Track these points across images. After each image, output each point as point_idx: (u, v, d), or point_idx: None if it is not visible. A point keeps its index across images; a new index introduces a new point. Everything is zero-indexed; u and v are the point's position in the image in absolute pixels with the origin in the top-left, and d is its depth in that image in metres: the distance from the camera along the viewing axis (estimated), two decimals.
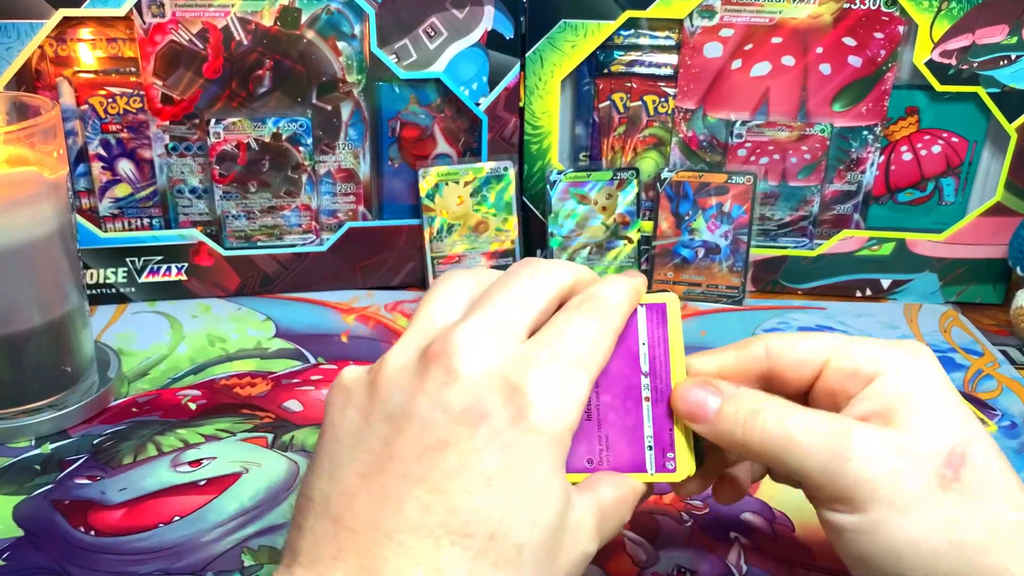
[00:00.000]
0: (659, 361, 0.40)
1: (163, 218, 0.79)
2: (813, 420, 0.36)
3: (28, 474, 0.57)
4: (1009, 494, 0.34)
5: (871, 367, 0.37)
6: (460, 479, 0.33)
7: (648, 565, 0.50)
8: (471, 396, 0.34)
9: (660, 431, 0.40)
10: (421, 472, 0.33)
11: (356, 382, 0.36)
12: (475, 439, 0.33)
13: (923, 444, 0.35)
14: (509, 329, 0.36)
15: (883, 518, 0.34)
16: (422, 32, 0.76)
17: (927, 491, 0.34)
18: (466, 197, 0.81)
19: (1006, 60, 0.76)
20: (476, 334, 0.35)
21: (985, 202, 0.80)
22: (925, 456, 0.35)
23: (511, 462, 0.33)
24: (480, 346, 0.34)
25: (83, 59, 0.73)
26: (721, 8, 0.77)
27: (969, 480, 0.34)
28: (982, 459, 0.35)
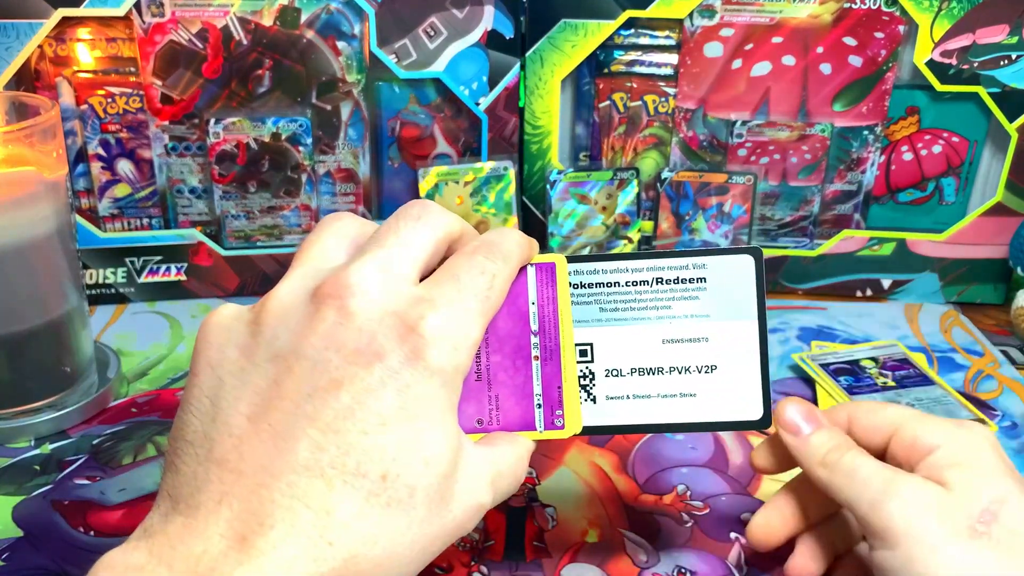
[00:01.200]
0: (548, 320, 0.41)
1: (162, 218, 0.79)
2: (878, 465, 0.41)
3: (27, 474, 0.57)
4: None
5: (932, 440, 0.41)
6: (353, 418, 0.32)
7: (648, 565, 0.50)
8: (366, 336, 0.33)
9: (549, 389, 0.41)
10: (313, 412, 0.32)
11: (235, 320, 0.35)
12: (369, 379, 0.33)
13: (961, 498, 0.38)
14: (402, 269, 0.35)
15: (914, 555, 0.37)
16: (422, 32, 0.76)
17: (957, 538, 0.37)
18: (466, 197, 0.81)
19: (1006, 60, 0.75)
20: (370, 274, 0.34)
21: (986, 202, 0.80)
22: (961, 508, 0.38)
23: (406, 402, 0.33)
24: (374, 286, 0.34)
25: (82, 59, 0.73)
26: (721, 8, 0.76)
27: (998, 535, 0.37)
28: (1015, 519, 0.37)
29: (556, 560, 0.50)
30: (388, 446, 0.33)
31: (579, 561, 0.50)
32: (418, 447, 0.33)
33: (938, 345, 0.76)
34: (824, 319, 0.80)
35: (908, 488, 0.39)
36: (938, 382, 0.67)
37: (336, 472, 0.32)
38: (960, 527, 0.37)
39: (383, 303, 0.34)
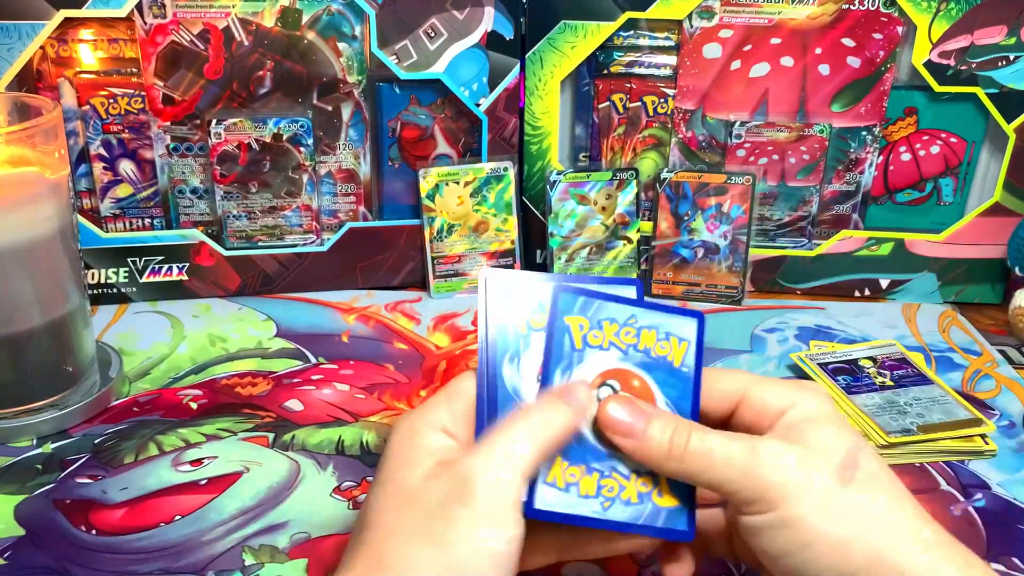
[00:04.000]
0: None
1: (164, 218, 0.79)
2: (727, 437, 0.41)
3: (29, 473, 0.57)
4: (894, 492, 0.40)
5: (780, 402, 0.42)
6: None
7: (648, 565, 0.51)
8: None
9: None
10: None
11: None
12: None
13: (821, 451, 0.40)
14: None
15: (793, 513, 0.38)
16: (422, 33, 0.76)
17: (829, 488, 0.39)
18: (466, 197, 0.81)
19: (1004, 60, 0.76)
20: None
21: (984, 202, 0.81)
22: (824, 460, 0.40)
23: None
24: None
25: (84, 60, 0.73)
26: (720, 9, 0.77)
27: (862, 479, 0.39)
28: (871, 463, 0.40)
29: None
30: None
31: (579, 560, 0.50)
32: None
33: (936, 344, 0.76)
34: (822, 319, 0.80)
35: (773, 451, 0.40)
36: (936, 381, 0.67)
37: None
38: (829, 477, 0.39)
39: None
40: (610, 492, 0.42)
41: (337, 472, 0.58)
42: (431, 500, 0.38)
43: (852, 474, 0.39)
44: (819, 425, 0.41)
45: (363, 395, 0.66)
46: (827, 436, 0.40)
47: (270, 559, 0.50)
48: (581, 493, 0.42)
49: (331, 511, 0.54)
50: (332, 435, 0.61)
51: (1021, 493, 0.58)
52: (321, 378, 0.68)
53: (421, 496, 0.38)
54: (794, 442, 0.40)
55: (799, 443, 0.40)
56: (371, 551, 0.38)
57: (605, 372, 0.43)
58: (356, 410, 0.65)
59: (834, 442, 0.40)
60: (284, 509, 0.54)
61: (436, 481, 0.38)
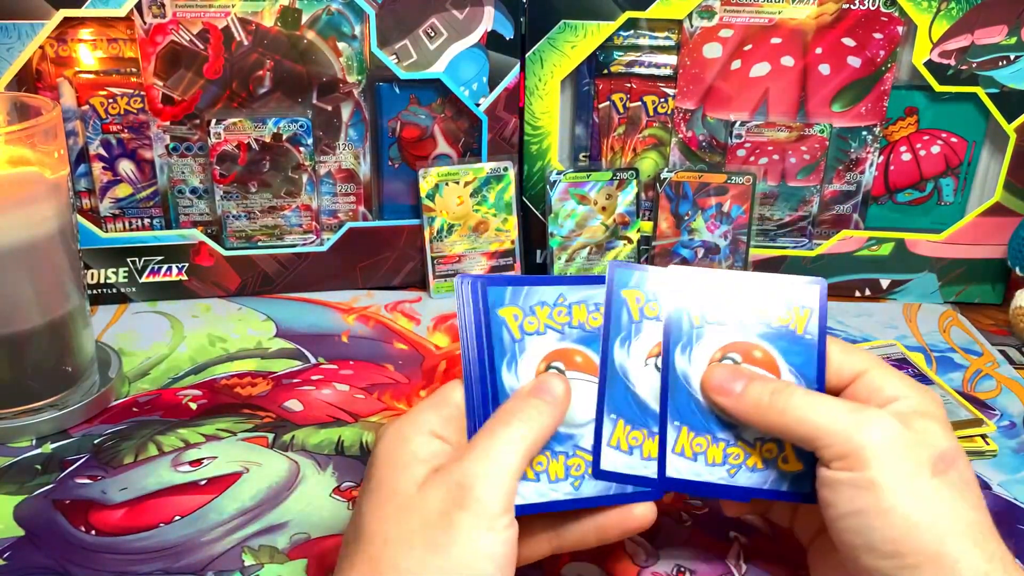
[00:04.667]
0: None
1: (164, 218, 0.79)
2: (835, 400, 0.42)
3: (29, 474, 0.57)
4: (977, 503, 0.40)
5: (896, 391, 0.43)
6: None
7: (648, 564, 0.51)
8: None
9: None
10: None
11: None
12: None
13: (922, 440, 0.40)
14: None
15: (879, 479, 0.39)
16: (422, 33, 0.76)
17: (921, 471, 0.39)
18: (466, 197, 0.81)
19: (1005, 60, 0.76)
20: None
21: (984, 202, 0.80)
22: (924, 447, 0.40)
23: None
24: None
25: (84, 59, 0.73)
26: (720, 9, 0.77)
27: (953, 479, 0.40)
28: (966, 470, 0.41)
29: (556, 559, 0.50)
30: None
31: (579, 560, 0.50)
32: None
33: (937, 345, 0.76)
34: None
35: (878, 418, 0.40)
36: (937, 382, 0.67)
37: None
38: (923, 463, 0.40)
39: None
40: (735, 459, 0.44)
41: (337, 472, 0.58)
42: (430, 508, 0.38)
43: (946, 470, 0.40)
44: (928, 419, 0.41)
45: (363, 395, 0.66)
46: (933, 430, 0.41)
47: (270, 559, 0.50)
48: (708, 461, 0.44)
49: (331, 511, 0.54)
50: (332, 435, 0.61)
51: (1021, 493, 0.58)
52: (321, 378, 0.68)
53: (419, 504, 0.38)
54: (900, 422, 0.41)
55: (904, 424, 0.41)
56: (368, 560, 0.38)
57: (725, 346, 0.45)
58: (356, 410, 0.65)
59: (937, 437, 0.41)
60: (284, 509, 0.54)
61: (433, 488, 0.38)
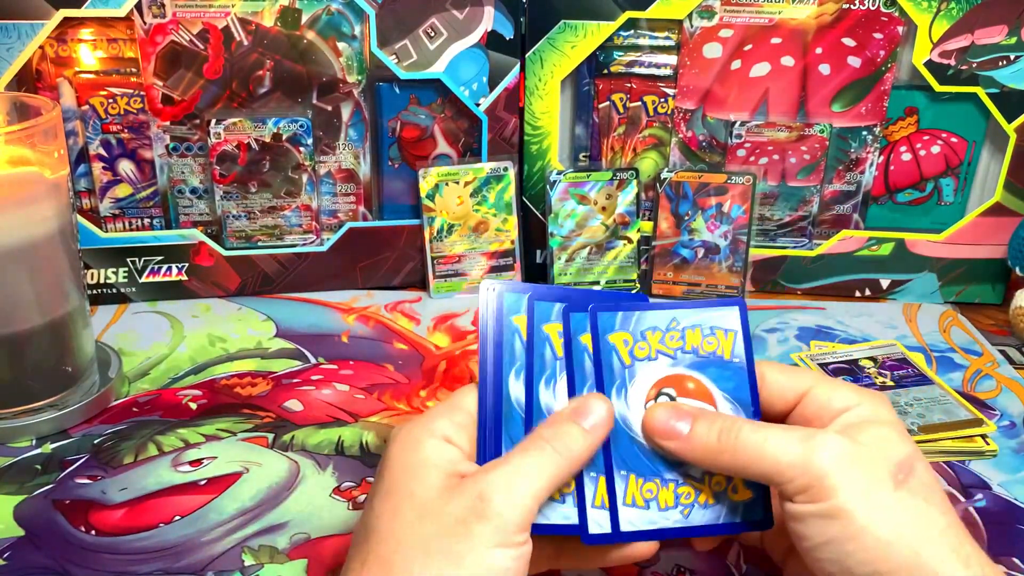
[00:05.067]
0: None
1: (164, 218, 0.79)
2: (781, 429, 0.41)
3: (29, 474, 0.57)
4: (943, 506, 0.40)
5: (844, 402, 0.42)
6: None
7: (648, 564, 0.50)
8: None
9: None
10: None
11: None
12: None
13: (879, 453, 0.40)
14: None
15: (845, 505, 0.38)
16: (422, 33, 0.76)
17: (882, 487, 0.39)
18: (466, 197, 0.81)
19: (1005, 60, 0.76)
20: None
21: (984, 202, 0.80)
22: (881, 461, 0.40)
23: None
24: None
25: (84, 59, 0.73)
26: (720, 9, 0.77)
27: (915, 487, 0.40)
28: (926, 474, 0.40)
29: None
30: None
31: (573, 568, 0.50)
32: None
33: (937, 345, 0.76)
34: (823, 319, 0.80)
35: (830, 442, 0.40)
36: (937, 382, 0.67)
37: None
38: (883, 477, 0.39)
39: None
40: (687, 499, 0.43)
41: (337, 472, 0.58)
42: (449, 516, 0.38)
43: (906, 478, 0.39)
44: (879, 427, 0.41)
45: (363, 395, 0.66)
46: (886, 438, 0.41)
47: (270, 559, 0.50)
48: (661, 506, 0.43)
49: (331, 511, 0.54)
50: (332, 435, 0.61)
51: (1022, 493, 0.58)
52: (321, 378, 0.68)
53: (437, 510, 0.38)
54: (852, 439, 0.40)
55: (857, 440, 0.40)
56: (381, 561, 0.38)
57: (658, 382, 0.44)
58: (356, 410, 0.65)
59: (892, 445, 0.40)
60: (284, 509, 0.54)
61: (454, 496, 0.39)
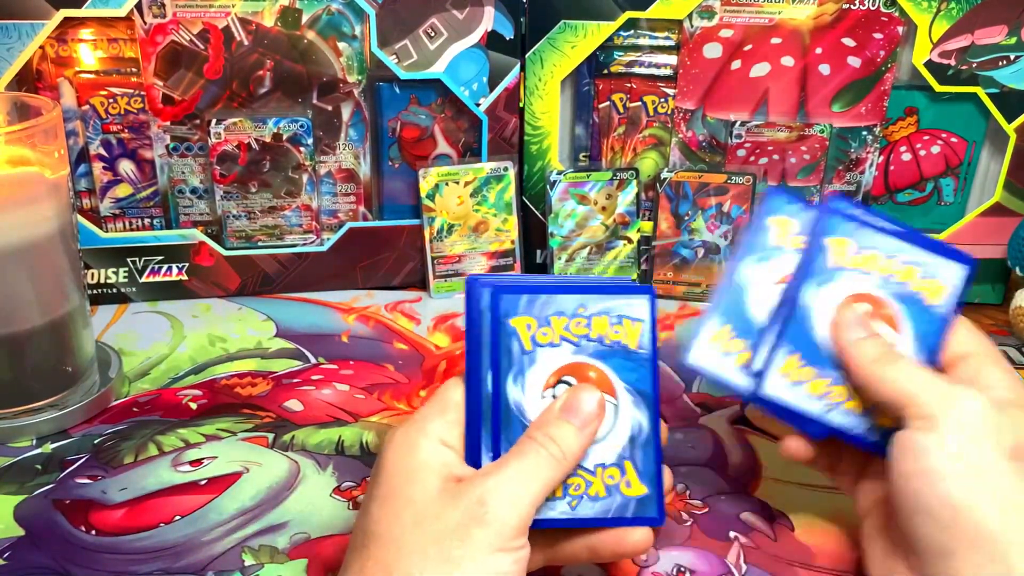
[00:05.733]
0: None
1: (164, 218, 0.79)
2: (933, 374, 0.44)
3: (29, 474, 0.57)
4: None
5: (992, 380, 0.44)
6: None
7: (648, 564, 0.50)
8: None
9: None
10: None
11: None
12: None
13: (1012, 426, 0.41)
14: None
15: (961, 449, 0.40)
16: (422, 33, 0.76)
17: (999, 450, 0.40)
18: (466, 197, 0.81)
19: (1005, 60, 0.76)
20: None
21: (984, 202, 0.80)
22: (1010, 432, 0.41)
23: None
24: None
25: (84, 59, 0.73)
26: (721, 9, 0.77)
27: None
28: None
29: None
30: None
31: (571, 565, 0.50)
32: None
33: None
34: None
35: (972, 395, 0.42)
36: None
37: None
38: (1004, 445, 0.41)
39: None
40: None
41: (337, 472, 0.58)
42: (448, 520, 0.38)
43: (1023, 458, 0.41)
44: (1020, 409, 0.42)
45: (363, 395, 0.66)
46: (1020, 420, 0.42)
47: (270, 559, 0.50)
48: (809, 391, 0.44)
49: (331, 511, 0.54)
50: (332, 435, 0.61)
51: None
52: (321, 378, 0.68)
53: (437, 516, 0.39)
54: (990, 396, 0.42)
55: (996, 405, 0.42)
56: (380, 567, 0.38)
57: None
58: (356, 410, 0.65)
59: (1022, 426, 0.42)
60: (284, 509, 0.54)
61: (453, 501, 0.39)
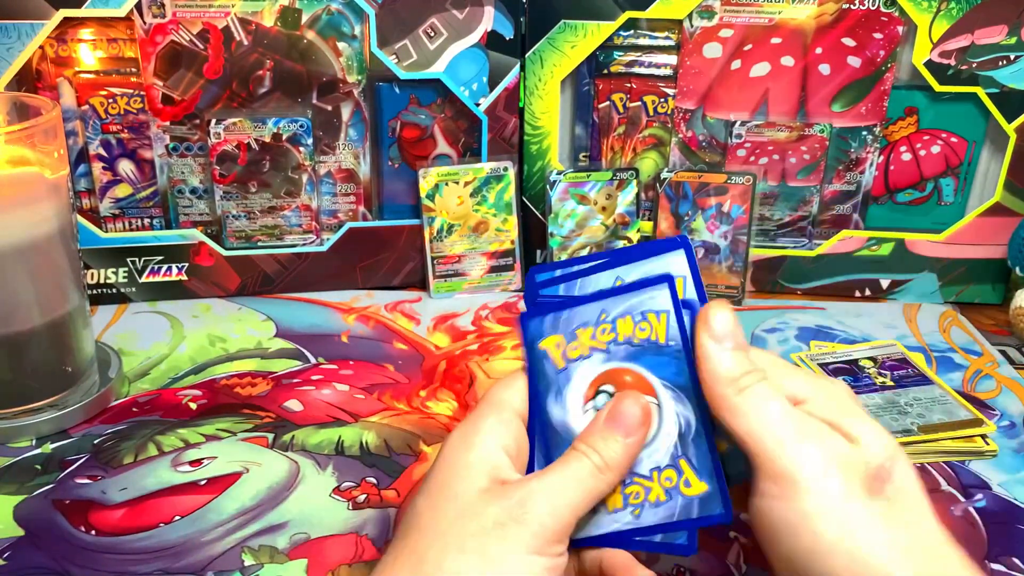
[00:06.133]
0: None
1: (163, 218, 0.79)
2: (787, 404, 0.39)
3: (29, 474, 0.57)
4: (916, 515, 0.38)
5: (801, 392, 0.40)
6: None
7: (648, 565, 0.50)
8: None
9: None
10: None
11: None
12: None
13: (862, 453, 0.38)
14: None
15: (812, 507, 0.37)
16: (422, 33, 0.76)
17: (856, 494, 0.37)
18: (466, 197, 0.81)
19: (1005, 60, 0.76)
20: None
21: (984, 202, 0.80)
22: (862, 463, 0.38)
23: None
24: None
25: (84, 59, 0.73)
26: (720, 9, 0.77)
27: (891, 493, 0.38)
28: (904, 477, 0.38)
29: None
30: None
31: None
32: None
33: (937, 345, 0.76)
34: (823, 319, 0.80)
35: (820, 435, 0.38)
36: (937, 382, 0.67)
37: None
38: (859, 483, 0.37)
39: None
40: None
41: (337, 472, 0.58)
42: (488, 517, 0.38)
43: (883, 486, 0.38)
44: (859, 423, 0.39)
45: (363, 395, 0.66)
46: (867, 435, 0.38)
47: (270, 559, 0.50)
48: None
49: (331, 511, 0.54)
50: (332, 435, 0.61)
51: (1021, 493, 0.58)
52: (321, 378, 0.68)
53: (478, 512, 0.39)
54: (841, 436, 0.38)
55: (845, 439, 0.38)
56: (414, 555, 0.39)
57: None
58: (356, 410, 0.65)
59: (874, 443, 0.38)
60: (284, 509, 0.54)
61: (495, 500, 0.39)
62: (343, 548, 0.51)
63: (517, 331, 0.43)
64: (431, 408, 0.65)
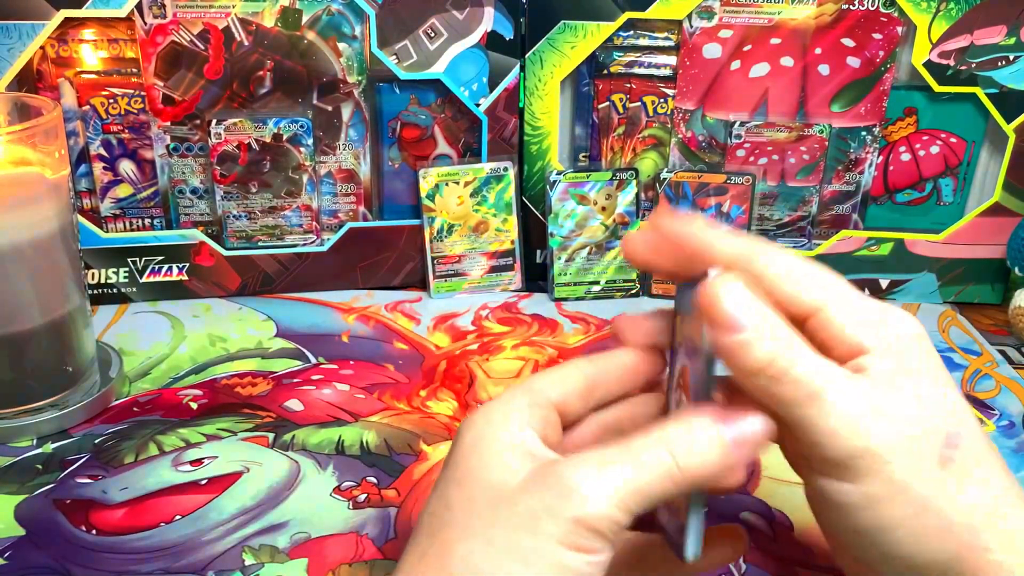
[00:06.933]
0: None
1: (164, 218, 0.79)
2: (841, 374, 0.35)
3: (29, 473, 0.57)
4: (995, 476, 0.36)
5: (862, 339, 0.36)
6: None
7: None
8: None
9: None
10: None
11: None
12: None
13: (926, 423, 0.35)
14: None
15: (881, 492, 0.34)
16: (422, 33, 0.76)
17: (928, 470, 0.34)
18: (466, 197, 0.81)
19: (1004, 61, 0.76)
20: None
21: (983, 202, 0.81)
22: (931, 432, 0.35)
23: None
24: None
25: (85, 60, 0.73)
26: (720, 9, 0.77)
27: (963, 461, 0.35)
28: (975, 441, 0.36)
29: None
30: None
31: None
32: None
33: (936, 345, 0.76)
34: None
35: (888, 411, 0.34)
36: None
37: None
38: (930, 457, 0.34)
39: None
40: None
41: (337, 472, 0.58)
42: (523, 507, 0.34)
43: (952, 454, 0.35)
44: (920, 378, 0.35)
45: (363, 395, 0.67)
46: (931, 397, 0.35)
47: (270, 559, 0.50)
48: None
49: (331, 511, 0.54)
50: (332, 435, 0.62)
51: None
52: (321, 378, 0.68)
53: (514, 501, 0.35)
54: (901, 397, 0.35)
55: (906, 403, 0.35)
56: (442, 548, 0.35)
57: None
58: (356, 410, 0.65)
59: (939, 407, 0.35)
60: (284, 509, 0.54)
61: (533, 486, 0.35)
62: (343, 547, 0.51)
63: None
64: (431, 408, 0.65)
